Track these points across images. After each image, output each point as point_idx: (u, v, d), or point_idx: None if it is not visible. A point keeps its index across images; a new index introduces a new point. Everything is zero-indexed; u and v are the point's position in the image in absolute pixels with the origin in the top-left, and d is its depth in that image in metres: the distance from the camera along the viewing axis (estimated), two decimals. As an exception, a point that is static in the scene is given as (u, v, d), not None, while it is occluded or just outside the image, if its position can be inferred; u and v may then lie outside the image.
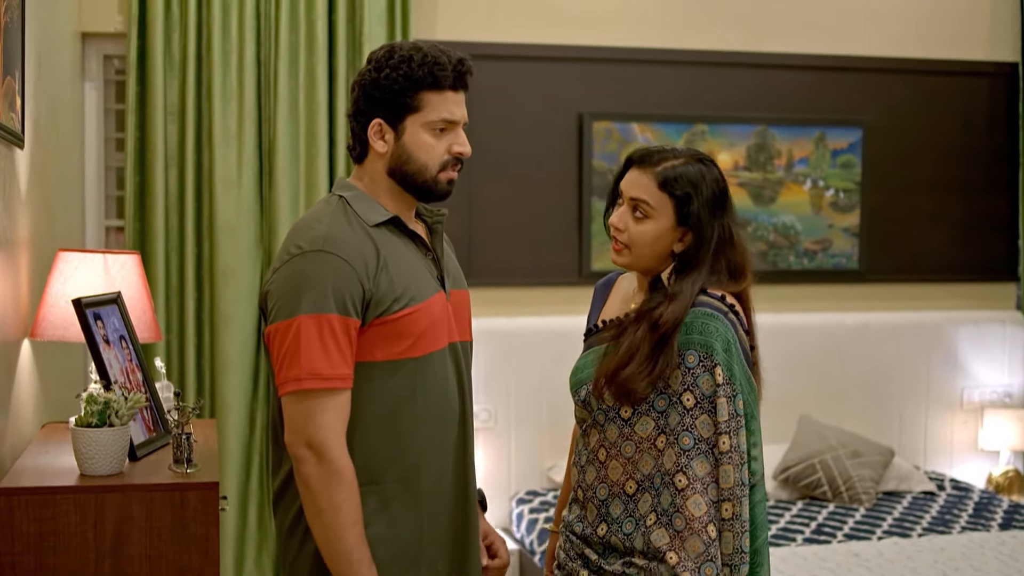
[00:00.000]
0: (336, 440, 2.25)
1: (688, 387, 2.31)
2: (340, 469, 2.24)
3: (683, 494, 2.28)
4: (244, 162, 4.83)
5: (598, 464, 2.43)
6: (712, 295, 2.38)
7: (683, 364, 2.32)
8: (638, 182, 2.42)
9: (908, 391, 5.73)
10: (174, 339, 4.82)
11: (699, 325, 2.33)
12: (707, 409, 2.30)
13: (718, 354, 2.31)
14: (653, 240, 2.40)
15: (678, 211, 2.38)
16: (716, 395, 2.30)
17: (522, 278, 5.36)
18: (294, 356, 2.23)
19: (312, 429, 2.23)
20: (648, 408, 2.35)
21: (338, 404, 2.25)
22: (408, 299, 2.31)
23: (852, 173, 5.69)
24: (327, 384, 2.23)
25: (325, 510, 2.24)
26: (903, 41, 5.74)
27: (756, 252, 5.53)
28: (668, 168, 2.39)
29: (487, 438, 5.23)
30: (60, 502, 2.48)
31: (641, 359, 2.33)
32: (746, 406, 2.34)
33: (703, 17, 5.52)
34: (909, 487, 5.22)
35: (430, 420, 2.37)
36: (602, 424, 2.43)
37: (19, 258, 3.06)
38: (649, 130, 5.42)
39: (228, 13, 4.79)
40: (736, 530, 2.29)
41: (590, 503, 2.44)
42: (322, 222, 2.32)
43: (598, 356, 2.46)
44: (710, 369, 2.31)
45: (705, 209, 2.38)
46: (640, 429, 2.36)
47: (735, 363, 2.33)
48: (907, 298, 5.84)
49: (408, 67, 2.31)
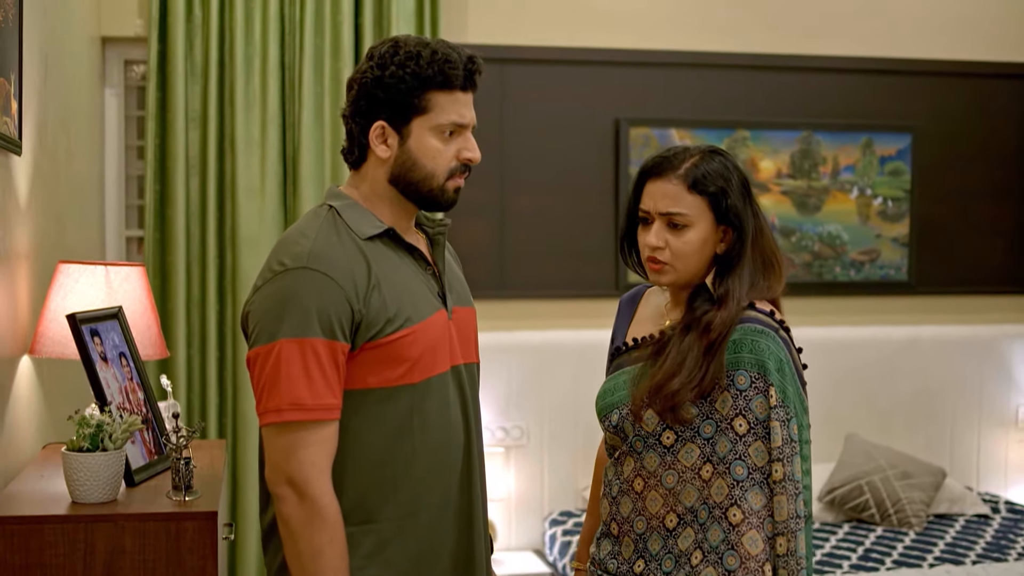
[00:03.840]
0: (319, 477, 2.07)
1: (740, 411, 2.16)
2: (322, 509, 2.07)
3: (738, 530, 2.12)
4: (267, 170, 4.70)
5: (634, 495, 2.26)
6: (761, 310, 2.23)
7: (733, 386, 2.17)
8: (665, 193, 2.25)
9: (960, 408, 5.55)
10: (195, 353, 4.69)
11: (749, 343, 2.18)
12: (761, 435, 2.15)
13: (771, 374, 2.16)
14: (699, 248, 2.24)
15: (715, 209, 2.23)
16: (770, 419, 2.14)
17: (556, 290, 5.23)
18: (274, 384, 2.06)
19: (293, 465, 2.06)
20: (693, 434, 2.19)
21: (323, 438, 2.08)
22: (403, 320, 2.13)
23: (901, 181, 5.54)
24: (310, 415, 2.06)
25: (305, 553, 2.07)
26: (955, 42, 5.59)
27: (800, 263, 5.43)
28: (691, 168, 2.24)
29: (519, 456, 5.08)
30: (48, 532, 2.34)
31: (690, 368, 2.17)
32: (800, 431, 2.18)
33: (745, 18, 5.38)
34: (962, 510, 5.05)
35: (430, 452, 2.18)
36: (640, 452, 2.26)
37: (17, 271, 2.92)
38: (688, 136, 5.26)
39: (251, 16, 4.67)
40: (791, 568, 2.13)
41: (626, 537, 2.27)
42: (308, 236, 2.14)
43: (631, 377, 2.29)
44: (763, 391, 2.16)
45: (740, 200, 2.24)
46: (684, 457, 2.20)
47: (788, 384, 2.18)
48: (959, 311, 5.69)
49: (416, 64, 2.13)
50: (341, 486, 2.12)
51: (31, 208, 3.07)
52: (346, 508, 2.12)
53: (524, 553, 4.98)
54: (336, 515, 2.08)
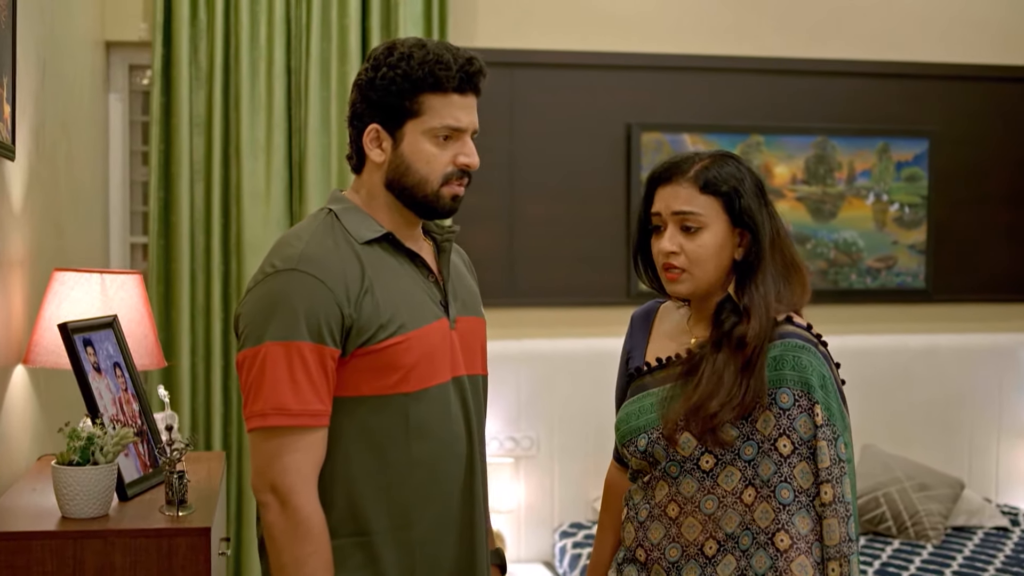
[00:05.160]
0: (303, 485, 2.01)
1: (784, 431, 2.07)
2: (306, 519, 2.00)
3: (786, 556, 2.02)
4: (273, 175, 4.63)
5: (667, 521, 2.16)
6: (799, 324, 2.15)
7: (775, 404, 2.08)
8: (676, 196, 2.17)
9: (979, 418, 5.44)
10: (199, 361, 4.62)
11: (791, 359, 2.10)
12: (806, 456, 2.06)
13: (815, 391, 2.08)
14: (716, 252, 2.15)
15: (729, 211, 2.15)
16: (816, 438, 2.05)
17: (566, 298, 5.15)
18: (259, 388, 2.01)
19: (277, 471, 2.00)
20: (734, 457, 2.10)
21: (308, 444, 2.01)
22: (397, 326, 2.06)
23: (918, 186, 5.45)
24: (294, 421, 2.00)
25: (287, 565, 2.01)
26: (972, 46, 5.50)
27: (816, 270, 5.34)
28: (702, 170, 2.17)
29: (529, 467, 4.99)
30: (35, 548, 2.28)
31: (729, 387, 2.08)
32: (847, 449, 2.09)
33: (758, 21, 5.30)
34: (980, 522, 4.96)
35: (426, 463, 2.11)
36: (675, 476, 2.15)
37: (11, 278, 2.85)
38: (701, 141, 5.18)
39: (256, 20, 4.60)
40: None
41: (656, 565, 2.16)
42: (301, 239, 2.08)
43: (660, 400, 2.18)
44: (808, 409, 2.07)
45: (755, 201, 2.16)
46: (724, 482, 2.10)
47: (832, 401, 2.10)
48: (977, 319, 5.59)
49: (407, 65, 2.06)
50: (331, 496, 2.06)
51: (26, 214, 3.00)
52: (336, 519, 2.06)
53: (534, 565, 4.89)
54: (321, 526, 2.02)
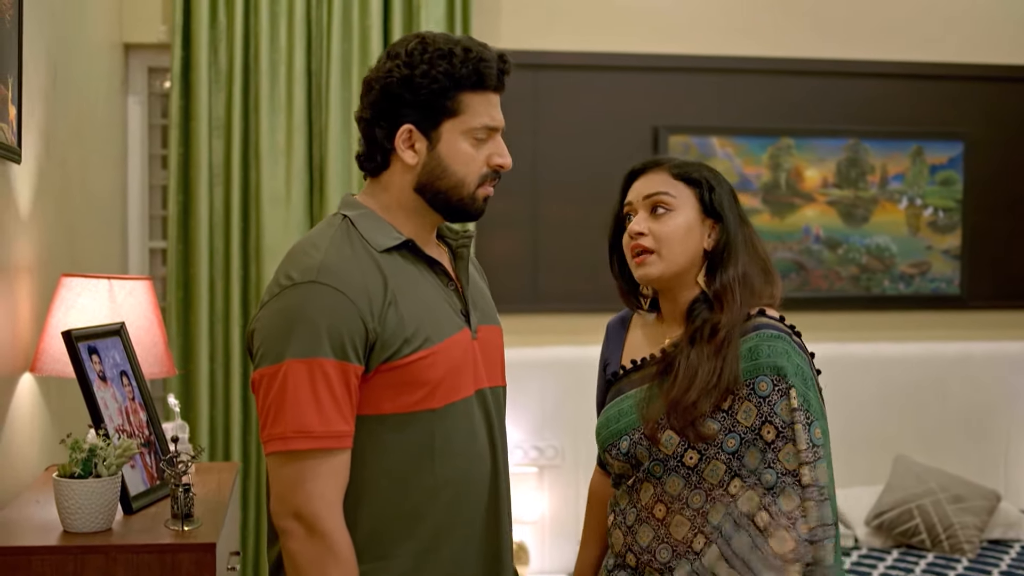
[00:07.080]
0: (330, 510, 1.91)
1: (766, 418, 2.07)
2: (334, 545, 1.90)
3: (766, 532, 2.02)
4: (293, 179, 4.56)
5: (655, 522, 2.14)
6: (771, 316, 2.16)
7: (754, 394, 2.08)
8: (650, 182, 2.23)
9: (1015, 428, 5.33)
10: (218, 368, 4.56)
11: (766, 348, 2.11)
12: (790, 438, 2.06)
13: (791, 376, 2.08)
14: (684, 234, 2.18)
15: (700, 199, 2.21)
16: (794, 421, 2.06)
17: (591, 304, 5.03)
18: (280, 409, 1.90)
19: (301, 498, 1.90)
20: (717, 451, 2.09)
21: (333, 468, 1.91)
22: (422, 340, 1.96)
23: (952, 190, 5.35)
24: (319, 444, 1.89)
25: None
26: (1008, 47, 5.40)
27: (847, 276, 5.26)
28: (679, 163, 2.24)
29: (553, 477, 4.92)
30: (35, 564, 2.22)
31: (705, 376, 2.08)
32: (823, 436, 2.09)
33: (788, 22, 5.21)
34: (1017, 535, 4.85)
35: (453, 483, 2.02)
36: (659, 476, 2.14)
37: (18, 284, 2.79)
38: (730, 144, 5.08)
39: (276, 21, 4.54)
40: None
41: (647, 568, 2.14)
42: (319, 248, 1.97)
43: (638, 400, 2.19)
44: (785, 392, 2.08)
45: (727, 198, 2.23)
46: (710, 475, 2.10)
47: (810, 390, 2.12)
48: (1013, 326, 5.50)
49: (449, 63, 1.97)
50: (354, 520, 1.96)
51: (34, 219, 2.94)
52: (359, 544, 1.96)
53: (558, 576, 4.82)
54: (349, 551, 1.93)
